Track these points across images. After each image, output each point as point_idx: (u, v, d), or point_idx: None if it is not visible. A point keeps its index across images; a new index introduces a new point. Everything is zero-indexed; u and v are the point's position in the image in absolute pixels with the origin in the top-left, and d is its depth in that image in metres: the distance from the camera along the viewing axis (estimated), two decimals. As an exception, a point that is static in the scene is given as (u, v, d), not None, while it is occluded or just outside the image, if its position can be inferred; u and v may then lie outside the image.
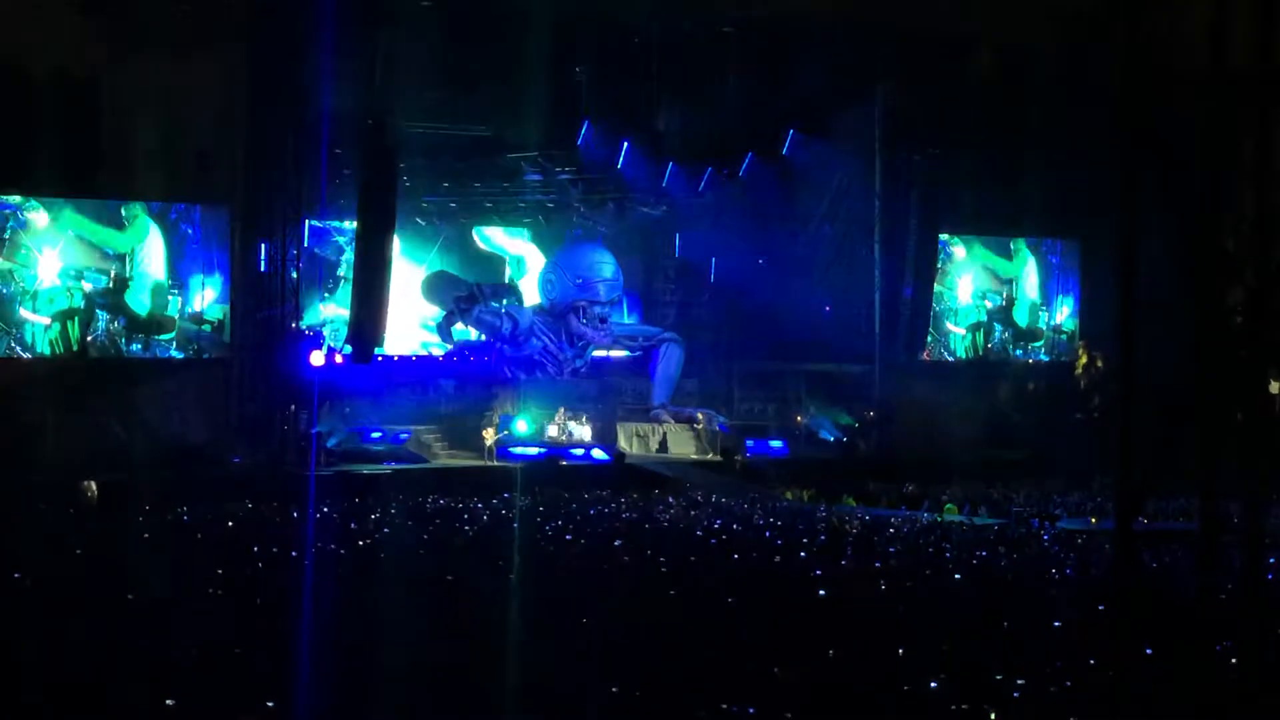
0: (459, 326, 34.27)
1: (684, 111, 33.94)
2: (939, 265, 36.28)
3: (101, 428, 28.14)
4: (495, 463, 31.01)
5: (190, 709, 9.91)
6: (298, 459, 28.20)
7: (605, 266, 35.06)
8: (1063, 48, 33.19)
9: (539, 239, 36.04)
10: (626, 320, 36.32)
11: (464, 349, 34.50)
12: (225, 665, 11.11)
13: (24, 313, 29.40)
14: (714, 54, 33.10)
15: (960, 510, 25.15)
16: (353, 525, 20.70)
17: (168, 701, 9.93)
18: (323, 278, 32.92)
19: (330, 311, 32.88)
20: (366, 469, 29.17)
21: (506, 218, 35.37)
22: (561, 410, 33.49)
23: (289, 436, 29.44)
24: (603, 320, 35.05)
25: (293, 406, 29.65)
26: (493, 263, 35.91)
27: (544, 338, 34.69)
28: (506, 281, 35.69)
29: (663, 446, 33.75)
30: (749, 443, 33.38)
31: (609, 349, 35.94)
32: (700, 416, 34.45)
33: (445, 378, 34.07)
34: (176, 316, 30.74)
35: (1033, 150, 33.41)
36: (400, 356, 33.59)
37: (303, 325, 30.28)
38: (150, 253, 30.44)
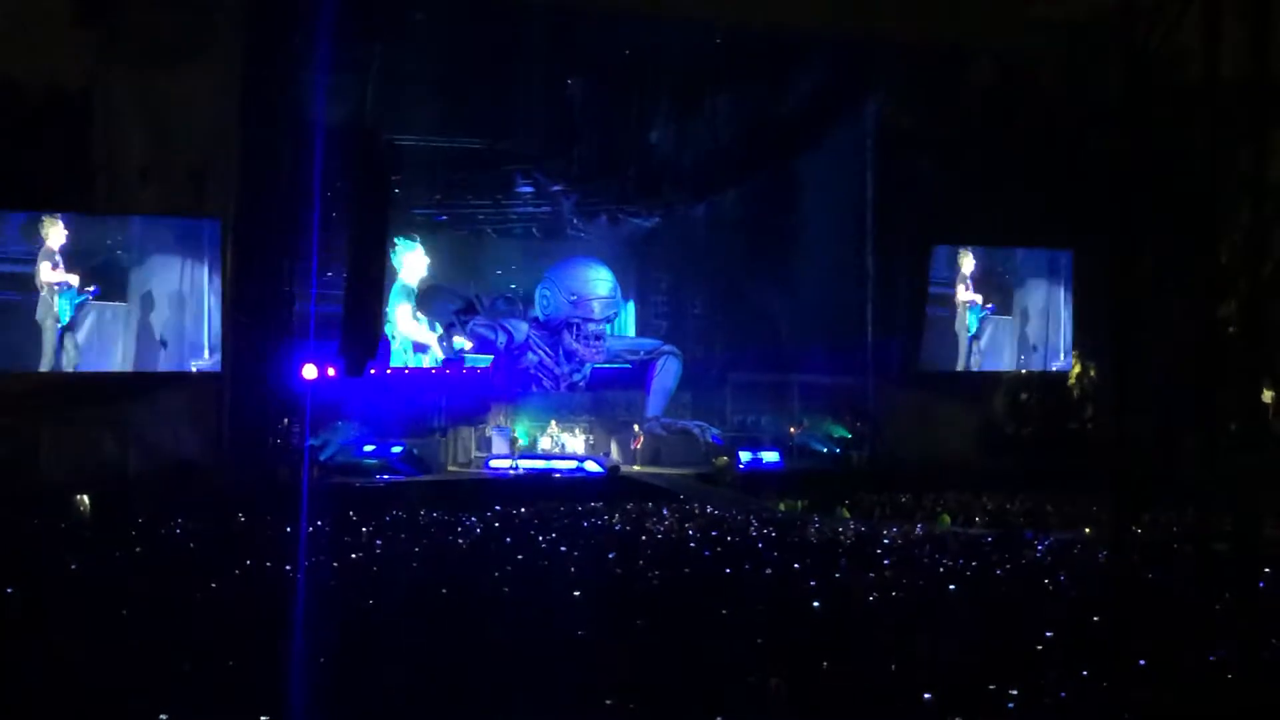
0: (458, 339, 34.13)
1: (677, 121, 33.95)
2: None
3: (94, 441, 28.05)
4: (488, 474, 30.98)
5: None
6: (290, 472, 28.11)
7: (601, 284, 34.66)
8: (1058, 59, 33.25)
9: (532, 252, 35.85)
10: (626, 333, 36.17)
11: (457, 363, 34.37)
12: (218, 679, 11.07)
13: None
14: (707, 65, 33.08)
15: (955, 521, 25.14)
16: (345, 538, 20.63)
17: (161, 716, 9.90)
18: None
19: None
20: (359, 482, 29.11)
21: (499, 229, 35.26)
22: (554, 422, 33.43)
23: (281, 450, 29.40)
24: (597, 338, 34.68)
25: (285, 420, 29.62)
26: (492, 273, 35.61)
27: (540, 352, 34.47)
28: (508, 293, 35.23)
29: (656, 458, 33.67)
30: (742, 454, 33.33)
31: (608, 364, 35.82)
32: (693, 429, 34.37)
33: (438, 391, 34.00)
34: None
35: (1026, 161, 33.40)
36: (394, 369, 33.53)
37: None
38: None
